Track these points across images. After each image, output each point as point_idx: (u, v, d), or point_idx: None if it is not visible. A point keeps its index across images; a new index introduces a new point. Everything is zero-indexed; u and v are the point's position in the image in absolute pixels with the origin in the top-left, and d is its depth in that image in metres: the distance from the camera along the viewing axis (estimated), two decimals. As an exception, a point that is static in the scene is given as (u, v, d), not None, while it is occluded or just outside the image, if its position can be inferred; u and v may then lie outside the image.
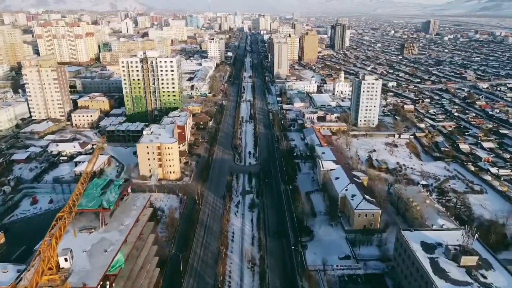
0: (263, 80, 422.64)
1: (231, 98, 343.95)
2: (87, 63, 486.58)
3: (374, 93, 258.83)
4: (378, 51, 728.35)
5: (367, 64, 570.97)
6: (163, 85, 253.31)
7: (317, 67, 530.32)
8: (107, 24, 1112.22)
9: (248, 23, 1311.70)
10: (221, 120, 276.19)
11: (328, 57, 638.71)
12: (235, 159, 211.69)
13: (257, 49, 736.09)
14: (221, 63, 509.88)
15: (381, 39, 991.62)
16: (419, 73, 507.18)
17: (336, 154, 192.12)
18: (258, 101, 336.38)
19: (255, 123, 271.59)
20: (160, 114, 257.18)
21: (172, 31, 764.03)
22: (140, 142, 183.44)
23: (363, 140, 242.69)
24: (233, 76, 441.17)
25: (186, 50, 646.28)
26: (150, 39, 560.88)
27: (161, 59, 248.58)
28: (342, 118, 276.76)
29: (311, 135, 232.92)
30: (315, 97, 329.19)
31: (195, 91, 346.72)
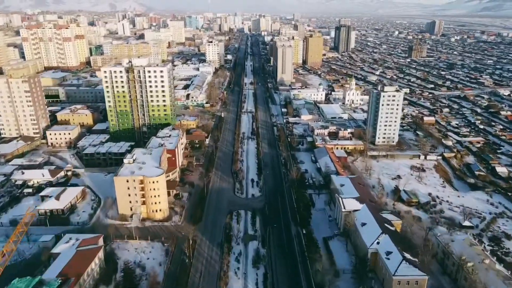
0: (266, 87, 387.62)
1: (231, 109, 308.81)
2: (76, 68, 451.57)
3: (395, 106, 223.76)
4: (385, 54, 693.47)
5: (375, 68, 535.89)
6: (152, 98, 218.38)
7: (323, 72, 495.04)
8: (104, 25, 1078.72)
9: (249, 24, 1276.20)
10: (219, 136, 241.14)
11: (333, 60, 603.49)
12: (235, 189, 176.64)
13: (258, 51, 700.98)
14: (220, 68, 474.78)
15: (385, 40, 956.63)
16: (432, 77, 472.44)
17: (358, 186, 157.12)
18: (261, 112, 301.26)
19: (258, 140, 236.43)
20: (149, 131, 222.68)
21: (169, 33, 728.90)
22: (119, 174, 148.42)
23: (384, 162, 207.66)
24: (233, 82, 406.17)
25: (184, 53, 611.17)
26: (145, 42, 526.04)
27: (150, 69, 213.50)
28: (357, 134, 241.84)
29: (324, 157, 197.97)
30: (324, 108, 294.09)
31: (191, 101, 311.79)
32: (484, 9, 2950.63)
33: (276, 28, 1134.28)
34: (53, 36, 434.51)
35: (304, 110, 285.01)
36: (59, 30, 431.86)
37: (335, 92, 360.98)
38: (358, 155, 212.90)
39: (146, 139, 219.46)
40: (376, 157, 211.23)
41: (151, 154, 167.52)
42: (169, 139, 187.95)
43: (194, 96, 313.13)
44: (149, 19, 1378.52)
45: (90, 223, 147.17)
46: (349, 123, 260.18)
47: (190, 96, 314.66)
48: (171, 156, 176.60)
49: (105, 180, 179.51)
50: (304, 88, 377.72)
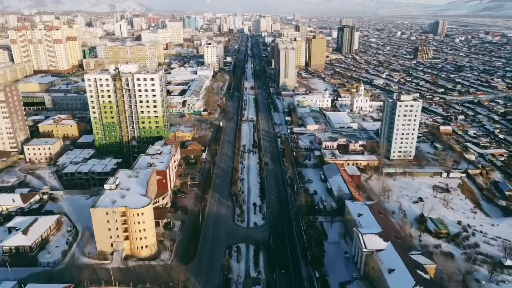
0: (267, 92, 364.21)
1: (230, 117, 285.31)
2: (68, 71, 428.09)
3: (413, 118, 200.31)
4: (389, 55, 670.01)
5: (381, 70, 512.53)
6: (142, 108, 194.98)
7: (326, 75, 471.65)
8: (102, 25, 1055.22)
9: (249, 24, 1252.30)
10: (218, 150, 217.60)
11: (337, 62, 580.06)
12: (234, 215, 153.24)
13: (258, 53, 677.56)
14: (219, 71, 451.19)
15: (388, 41, 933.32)
16: (441, 81, 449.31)
17: (378, 216, 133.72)
18: (263, 120, 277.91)
19: (260, 154, 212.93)
20: (139, 145, 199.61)
21: (167, 34, 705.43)
22: (97, 204, 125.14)
23: (402, 181, 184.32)
24: (232, 86, 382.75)
25: (182, 55, 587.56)
26: (141, 43, 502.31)
27: (139, 76, 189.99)
28: (369, 147, 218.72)
29: (335, 176, 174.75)
30: (331, 116, 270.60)
31: (187, 108, 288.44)
32: (485, 9, 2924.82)
33: (277, 29, 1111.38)
34: (43, 38, 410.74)
35: (309, 119, 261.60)
36: (49, 32, 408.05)
37: (341, 98, 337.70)
38: (372, 172, 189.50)
39: (136, 154, 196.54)
40: (392, 175, 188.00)
41: (137, 177, 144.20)
42: (160, 158, 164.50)
43: (191, 103, 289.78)
44: (148, 19, 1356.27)
45: (63, 263, 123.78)
46: (360, 134, 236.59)
47: (186, 103, 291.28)
48: (162, 178, 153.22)
49: (86, 204, 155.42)
50: (309, 93, 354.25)
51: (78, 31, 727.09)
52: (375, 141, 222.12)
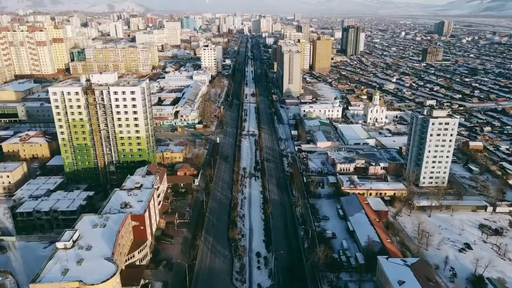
0: (270, 99, 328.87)
1: (228, 130, 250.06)
2: (53, 76, 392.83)
3: (448, 137, 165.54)
4: (396, 57, 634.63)
5: (390, 74, 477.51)
6: (121, 128, 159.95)
7: (332, 79, 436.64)
8: (98, 26, 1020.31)
9: (249, 25, 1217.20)
10: (213, 174, 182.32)
11: (342, 65, 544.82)
12: (233, 272, 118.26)
13: (259, 54, 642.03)
14: (217, 75, 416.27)
15: (393, 42, 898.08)
16: (456, 85, 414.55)
17: (427, 286, 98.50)
18: (266, 134, 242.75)
19: (263, 180, 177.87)
20: (119, 171, 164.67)
21: (163, 35, 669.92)
22: (41, 277, 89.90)
23: (438, 217, 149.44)
24: (231, 93, 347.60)
25: (178, 57, 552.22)
26: (133, 45, 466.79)
27: (117, 89, 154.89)
28: (392, 169, 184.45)
29: (357, 214, 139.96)
30: (344, 130, 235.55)
31: (180, 120, 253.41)
32: (487, 9, 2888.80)
33: (278, 29, 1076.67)
34: (25, 40, 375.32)
35: (319, 133, 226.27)
36: (32, 33, 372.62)
37: (352, 107, 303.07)
38: (401, 206, 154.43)
39: (115, 181, 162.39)
40: (425, 209, 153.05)
41: (104, 226, 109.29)
42: (139, 194, 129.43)
43: (184, 114, 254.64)
44: (146, 20, 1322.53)
45: None
46: (380, 153, 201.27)
47: (179, 114, 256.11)
48: (139, 224, 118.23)
49: (43, 256, 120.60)
50: (315, 100, 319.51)
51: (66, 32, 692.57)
52: (399, 163, 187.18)
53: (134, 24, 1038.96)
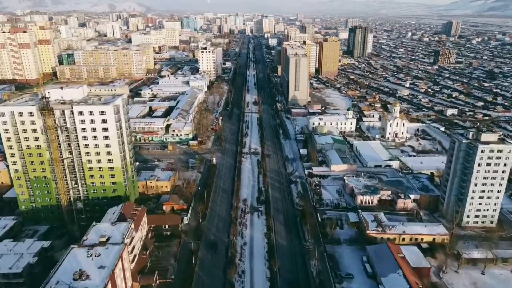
0: (274, 108, 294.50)
1: (227, 148, 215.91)
2: (38, 81, 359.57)
3: (501, 168, 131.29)
4: (405, 59, 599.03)
5: (402, 77, 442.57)
6: (90, 156, 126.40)
7: (341, 84, 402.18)
8: (96, 26, 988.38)
9: (250, 25, 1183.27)
10: (207, 209, 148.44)
11: (349, 68, 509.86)
12: None
13: (261, 56, 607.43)
14: (216, 80, 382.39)
15: (400, 43, 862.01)
16: (475, 91, 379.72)
17: None
18: (270, 152, 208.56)
19: (268, 217, 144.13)
20: (88, 208, 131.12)
21: (161, 35, 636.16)
22: None
23: (494, 273, 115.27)
24: (231, 101, 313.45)
25: (175, 59, 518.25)
26: (126, 47, 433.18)
27: (82, 108, 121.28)
28: (425, 202, 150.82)
29: (392, 276, 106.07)
30: (361, 148, 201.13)
31: (172, 135, 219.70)
32: (491, 9, 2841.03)
33: (280, 30, 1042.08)
34: (7, 42, 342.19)
35: (333, 153, 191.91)
36: (14, 35, 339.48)
37: (366, 118, 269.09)
38: (444, 256, 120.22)
39: (83, 221, 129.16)
40: (475, 263, 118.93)
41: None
42: (102, 255, 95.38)
43: (176, 128, 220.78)
44: (146, 19, 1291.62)
45: None
46: (407, 179, 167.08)
47: (171, 128, 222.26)
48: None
49: None
50: (324, 110, 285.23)
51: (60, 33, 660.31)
52: (434, 195, 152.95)
53: (133, 24, 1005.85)
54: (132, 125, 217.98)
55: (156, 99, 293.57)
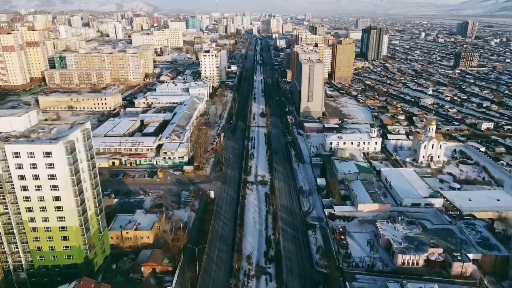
0: (284, 122, 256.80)
1: (229, 174, 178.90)
2: (24, 87, 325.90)
3: None
4: (423, 62, 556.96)
5: (423, 83, 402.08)
6: (32, 213, 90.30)
7: (357, 90, 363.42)
8: (99, 25, 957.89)
9: (258, 25, 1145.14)
10: (200, 270, 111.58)
11: (364, 72, 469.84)
12: None
13: (269, 59, 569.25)
14: (220, 86, 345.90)
15: (414, 44, 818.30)
16: (507, 99, 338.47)
17: None
18: (281, 182, 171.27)
19: (280, 285, 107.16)
20: (34, 280, 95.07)
21: (164, 36, 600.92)
22: None
23: None
24: (236, 111, 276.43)
25: (177, 62, 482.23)
26: (122, 50, 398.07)
27: (19, 148, 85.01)
28: (489, 264, 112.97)
29: None
30: (394, 180, 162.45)
31: (164, 158, 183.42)
32: (503, 9, 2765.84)
33: (288, 30, 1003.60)
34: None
35: (359, 187, 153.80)
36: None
37: (391, 134, 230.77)
38: None
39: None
40: None
41: None
42: None
43: (169, 150, 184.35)
44: (151, 19, 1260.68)
45: None
46: (457, 227, 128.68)
47: (162, 149, 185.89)
48: None
49: None
50: (342, 123, 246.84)
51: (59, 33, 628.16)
52: (502, 255, 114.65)
53: (137, 24, 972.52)
54: (117, 146, 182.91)
55: (150, 110, 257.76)
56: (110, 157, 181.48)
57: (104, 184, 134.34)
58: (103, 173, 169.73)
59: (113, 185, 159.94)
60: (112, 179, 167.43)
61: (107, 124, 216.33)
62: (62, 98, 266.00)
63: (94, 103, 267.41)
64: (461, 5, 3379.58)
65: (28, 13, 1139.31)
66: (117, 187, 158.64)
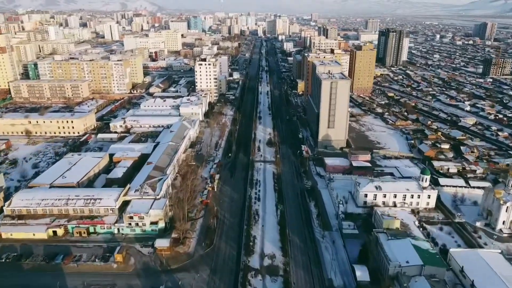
0: (298, 154, 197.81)
1: (222, 251, 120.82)
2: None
3: None
4: (446, 68, 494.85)
5: (454, 95, 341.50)
6: None
7: (379, 104, 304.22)
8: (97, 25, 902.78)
9: (263, 25, 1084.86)
10: None
11: (384, 81, 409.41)
12: None
13: (275, 64, 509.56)
14: (218, 100, 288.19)
15: (430, 47, 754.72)
16: None
17: None
18: (298, 268, 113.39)
19: None
20: None
21: (160, 38, 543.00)
22: None
23: None
24: (236, 138, 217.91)
25: (173, 69, 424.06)
26: (106, 57, 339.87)
27: None
28: None
29: None
30: (469, 269, 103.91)
31: (130, 225, 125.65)
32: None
33: (295, 31, 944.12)
34: None
35: None
36: None
37: (440, 175, 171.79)
38: None
39: None
40: None
41: None
42: None
43: (137, 214, 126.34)
44: (153, 19, 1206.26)
45: None
46: None
47: (127, 212, 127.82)
48: None
49: None
50: (373, 156, 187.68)
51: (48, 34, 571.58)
52: None
53: (136, 24, 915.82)
54: (63, 204, 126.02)
55: (128, 138, 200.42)
56: (51, 223, 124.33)
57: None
58: (35, 252, 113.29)
59: (38, 280, 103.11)
60: (46, 264, 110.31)
61: (61, 165, 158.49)
62: (17, 121, 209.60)
63: (58, 126, 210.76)
64: (470, 6, 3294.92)
65: (25, 12, 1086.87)
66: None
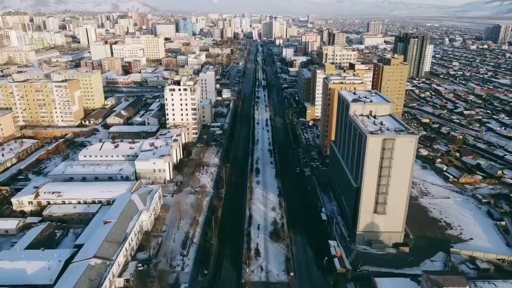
0: (325, 262, 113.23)
1: None
2: None
3: None
4: (474, 79, 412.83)
5: (505, 120, 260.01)
6: None
7: (433, 152, 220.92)
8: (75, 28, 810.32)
9: (258, 28, 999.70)
10: None
11: (409, 99, 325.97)
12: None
13: (275, 76, 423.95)
14: (198, 138, 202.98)
15: (443, 52, 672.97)
16: None
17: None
18: None
19: None
20: None
21: (138, 45, 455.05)
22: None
23: None
24: (220, 224, 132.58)
25: (148, 84, 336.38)
26: (47, 76, 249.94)
27: None
28: None
29: None
30: None
31: None
32: (510, 11, 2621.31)
33: (293, 34, 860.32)
34: None
35: None
36: None
37: None
38: None
39: None
40: None
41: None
42: None
43: None
44: (141, 21, 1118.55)
45: None
46: None
47: None
48: None
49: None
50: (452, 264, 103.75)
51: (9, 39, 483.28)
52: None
53: (120, 27, 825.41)
54: None
55: (34, 229, 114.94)
56: None
57: None
58: None
59: None
60: None
61: None
62: None
63: None
64: (465, 7, 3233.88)
65: (1, 14, 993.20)
66: None
